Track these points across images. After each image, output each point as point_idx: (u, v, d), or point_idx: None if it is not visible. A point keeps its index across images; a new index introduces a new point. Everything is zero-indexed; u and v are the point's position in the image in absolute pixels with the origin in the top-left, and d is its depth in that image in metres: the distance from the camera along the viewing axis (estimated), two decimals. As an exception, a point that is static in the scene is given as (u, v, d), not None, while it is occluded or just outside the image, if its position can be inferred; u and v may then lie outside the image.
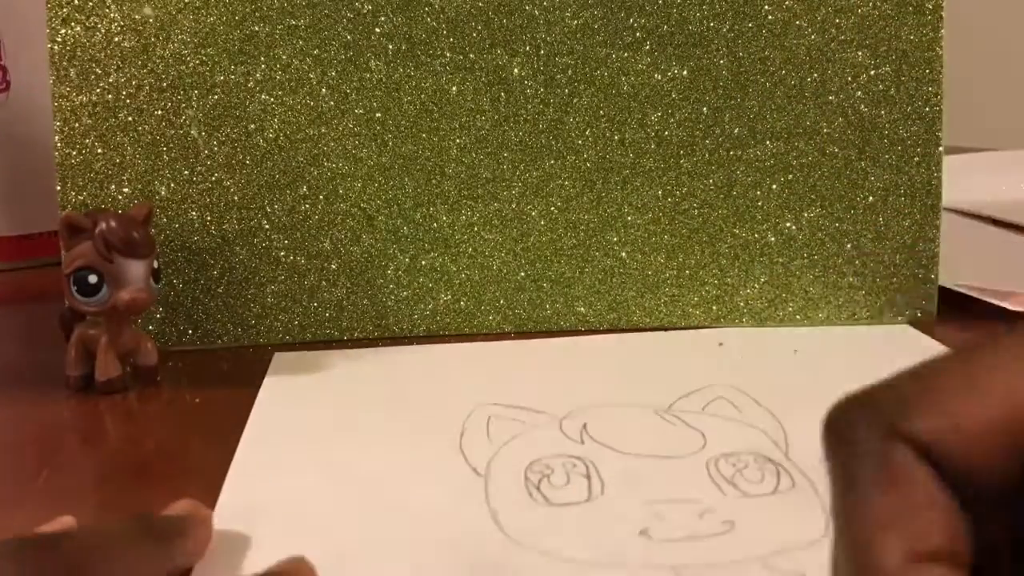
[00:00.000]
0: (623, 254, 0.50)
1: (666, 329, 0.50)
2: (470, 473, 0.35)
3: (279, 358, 0.47)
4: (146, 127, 0.47)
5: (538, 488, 0.33)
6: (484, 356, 0.47)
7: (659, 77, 0.49)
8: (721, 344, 0.48)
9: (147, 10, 0.47)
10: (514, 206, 0.49)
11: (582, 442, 0.37)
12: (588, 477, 0.34)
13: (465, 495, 0.33)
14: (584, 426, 0.38)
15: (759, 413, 0.39)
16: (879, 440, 0.18)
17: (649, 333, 0.50)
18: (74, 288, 0.41)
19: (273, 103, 0.48)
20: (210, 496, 0.33)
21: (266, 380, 0.44)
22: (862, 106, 0.49)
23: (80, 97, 0.47)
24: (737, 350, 0.47)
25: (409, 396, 0.42)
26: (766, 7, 0.48)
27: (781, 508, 0.32)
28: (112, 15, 0.46)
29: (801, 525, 0.31)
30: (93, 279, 0.41)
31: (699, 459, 0.35)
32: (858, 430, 0.19)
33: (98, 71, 0.47)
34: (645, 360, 0.46)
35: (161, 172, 0.48)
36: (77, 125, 0.47)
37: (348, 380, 0.44)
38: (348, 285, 0.49)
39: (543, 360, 0.47)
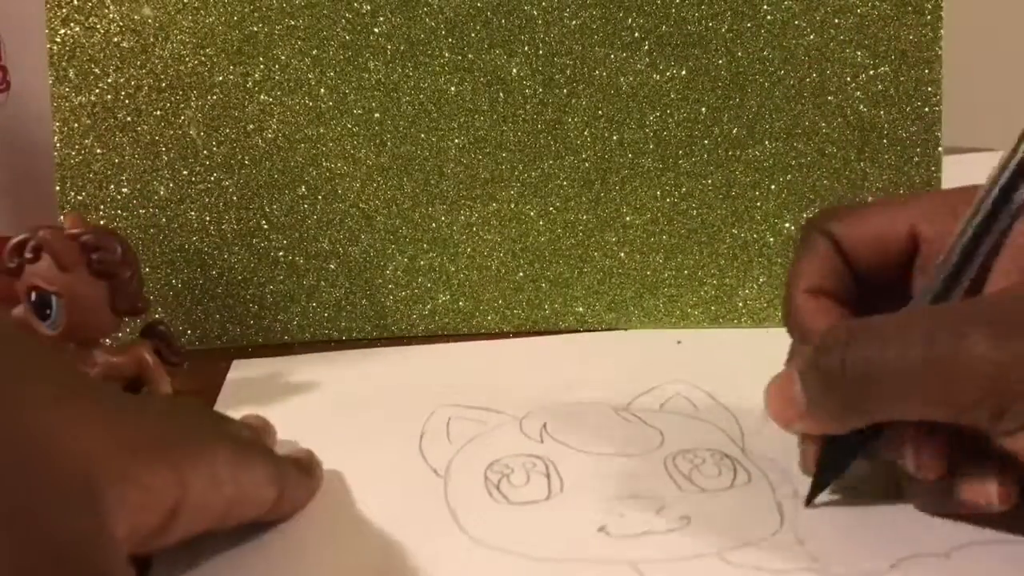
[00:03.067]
0: (622, 254, 0.50)
1: (624, 328, 0.50)
2: (429, 474, 0.35)
3: (237, 365, 0.46)
4: (145, 127, 0.47)
5: (498, 487, 0.33)
6: (444, 357, 0.47)
7: (658, 77, 0.49)
8: (679, 342, 0.48)
9: (146, 10, 0.47)
10: (513, 206, 0.49)
11: (542, 441, 0.37)
12: (548, 476, 0.34)
13: (424, 495, 0.33)
14: (544, 425, 0.38)
15: (716, 410, 0.40)
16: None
17: (607, 332, 0.50)
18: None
19: (272, 103, 0.48)
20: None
21: (224, 386, 0.44)
22: (861, 106, 0.49)
23: (79, 97, 0.47)
24: (694, 348, 0.47)
25: (367, 399, 0.42)
26: (765, 7, 0.48)
27: (737, 502, 0.32)
28: (111, 15, 0.46)
29: (757, 519, 0.31)
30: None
31: (657, 456, 0.35)
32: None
33: (97, 71, 0.47)
34: (603, 359, 0.46)
35: (160, 172, 0.48)
36: (76, 125, 0.47)
37: (305, 385, 0.44)
38: (347, 285, 0.49)
39: (503, 360, 0.46)
